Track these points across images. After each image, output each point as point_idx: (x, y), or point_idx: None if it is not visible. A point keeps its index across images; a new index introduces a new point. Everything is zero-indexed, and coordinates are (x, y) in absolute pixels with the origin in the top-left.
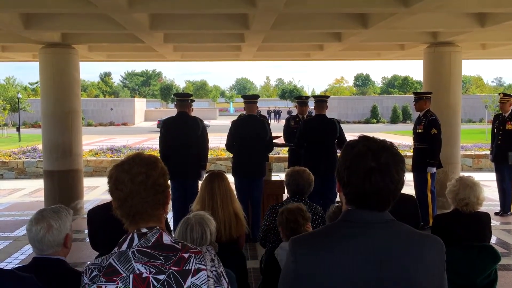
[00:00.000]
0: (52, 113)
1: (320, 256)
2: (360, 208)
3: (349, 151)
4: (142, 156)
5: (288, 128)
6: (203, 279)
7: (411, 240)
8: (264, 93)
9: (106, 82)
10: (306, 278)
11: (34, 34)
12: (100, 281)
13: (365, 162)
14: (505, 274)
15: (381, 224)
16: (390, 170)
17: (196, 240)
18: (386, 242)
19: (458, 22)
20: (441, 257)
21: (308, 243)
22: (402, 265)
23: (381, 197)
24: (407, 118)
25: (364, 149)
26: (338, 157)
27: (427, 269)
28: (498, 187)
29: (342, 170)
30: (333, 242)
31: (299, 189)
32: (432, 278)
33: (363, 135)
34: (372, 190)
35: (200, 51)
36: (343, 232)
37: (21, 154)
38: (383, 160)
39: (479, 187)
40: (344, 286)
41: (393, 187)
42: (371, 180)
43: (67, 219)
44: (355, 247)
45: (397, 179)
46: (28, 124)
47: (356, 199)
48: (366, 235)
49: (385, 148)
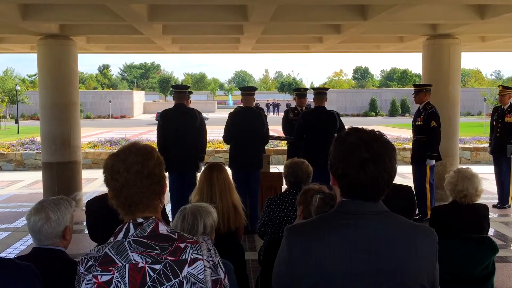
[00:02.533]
0: (51, 105)
1: (313, 246)
2: (355, 199)
3: (342, 143)
4: (138, 146)
5: (286, 120)
6: (199, 269)
7: (404, 230)
8: (263, 86)
9: (104, 75)
10: (299, 267)
11: (32, 25)
12: (96, 271)
13: (358, 153)
14: (503, 266)
15: (375, 215)
16: (383, 159)
17: (185, 230)
18: (379, 232)
19: (458, 14)
20: (433, 248)
21: (302, 232)
22: (395, 256)
23: (376, 186)
24: (405, 111)
25: (357, 140)
26: (331, 149)
27: (420, 259)
28: (496, 180)
29: (336, 163)
30: (327, 232)
31: (297, 180)
32: (424, 268)
33: (353, 127)
34: (367, 180)
35: (199, 43)
36: (337, 223)
37: (20, 146)
38: (375, 150)
39: (477, 178)
40: (337, 276)
41: (387, 176)
42: (366, 170)
43: (67, 211)
44: (348, 237)
45: (390, 167)
46: (27, 116)
47: (352, 190)
48: (359, 225)
49: (376, 138)
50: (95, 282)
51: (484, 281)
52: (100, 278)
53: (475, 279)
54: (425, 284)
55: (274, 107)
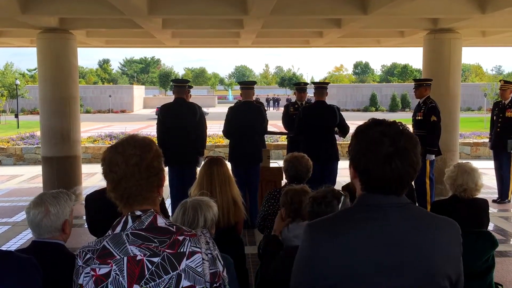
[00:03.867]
0: (50, 99)
1: (338, 241)
2: (377, 193)
3: (364, 137)
4: (136, 138)
5: (287, 114)
6: (198, 262)
7: (428, 223)
8: (263, 81)
9: (104, 69)
10: (324, 263)
11: (31, 19)
12: (94, 264)
13: (383, 147)
14: (503, 261)
15: (399, 207)
16: (409, 154)
17: (186, 223)
18: (404, 225)
19: (459, 8)
20: (458, 239)
21: (325, 228)
22: (420, 248)
23: (401, 181)
24: (406, 106)
25: (380, 134)
26: (350, 142)
27: (444, 251)
28: (496, 175)
29: (359, 157)
30: (350, 226)
31: (297, 174)
32: (449, 261)
33: (374, 119)
34: (392, 175)
35: (199, 37)
36: (360, 216)
37: (20, 140)
38: (401, 145)
39: (477, 173)
40: (362, 270)
41: (412, 170)
42: (391, 165)
43: (67, 205)
44: (373, 231)
45: (416, 161)
46: (26, 110)
47: (376, 185)
48: (383, 219)
49: (401, 132)
50: (93, 275)
51: (483, 275)
52: (98, 271)
53: (475, 273)
54: (451, 276)
55: (274, 102)
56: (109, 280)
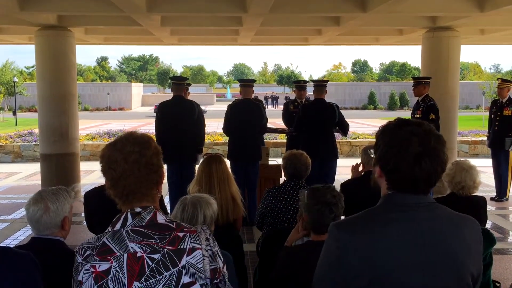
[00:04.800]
0: (49, 96)
1: (366, 241)
2: (405, 192)
3: (393, 136)
4: (135, 135)
5: (287, 112)
6: (198, 258)
7: (453, 221)
8: (262, 79)
9: (102, 67)
10: (354, 264)
11: (30, 16)
12: (94, 260)
13: (413, 147)
14: (500, 258)
15: (426, 206)
16: (438, 154)
17: (185, 220)
18: (431, 224)
19: (457, 6)
20: (480, 237)
21: (353, 228)
22: (448, 247)
23: (429, 180)
24: (404, 104)
25: (409, 134)
26: (376, 142)
27: (470, 249)
28: (494, 173)
29: (388, 156)
30: (378, 226)
31: (296, 172)
32: (474, 258)
33: (401, 119)
34: (422, 175)
35: (197, 35)
36: (388, 216)
37: (18, 137)
38: (432, 145)
39: (475, 170)
40: (393, 270)
41: (440, 169)
42: (422, 165)
43: (66, 202)
44: (401, 230)
45: (445, 161)
46: (25, 108)
47: (405, 184)
48: (411, 218)
49: (429, 131)
50: (93, 271)
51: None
52: (98, 268)
53: None
54: (474, 273)
55: (272, 99)
56: (109, 277)
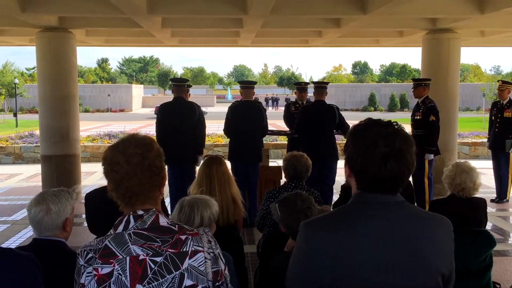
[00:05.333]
0: (49, 98)
1: (333, 238)
2: (373, 191)
3: (360, 138)
4: (137, 137)
5: (288, 113)
6: (200, 261)
7: (422, 220)
8: (262, 80)
9: (103, 68)
10: (322, 262)
11: (31, 18)
12: (96, 263)
13: (379, 148)
14: (500, 260)
15: (394, 206)
16: (404, 155)
17: (182, 221)
18: (399, 223)
19: (458, 8)
20: (451, 236)
21: (321, 225)
22: (416, 246)
23: (396, 181)
24: (404, 106)
25: (376, 135)
26: (346, 142)
27: (439, 248)
28: (495, 175)
29: (355, 157)
30: (346, 224)
31: (296, 173)
32: (443, 257)
33: (370, 119)
34: (388, 175)
35: (198, 37)
36: (357, 214)
37: (19, 139)
38: (397, 146)
39: (475, 172)
40: (360, 269)
41: (407, 170)
42: (387, 166)
43: (68, 203)
44: (369, 228)
45: (411, 162)
46: (25, 109)
47: (373, 184)
48: (379, 216)
49: (397, 132)
50: (95, 274)
51: (481, 274)
52: (100, 271)
53: (473, 272)
54: (444, 272)
55: (273, 101)
56: (111, 280)
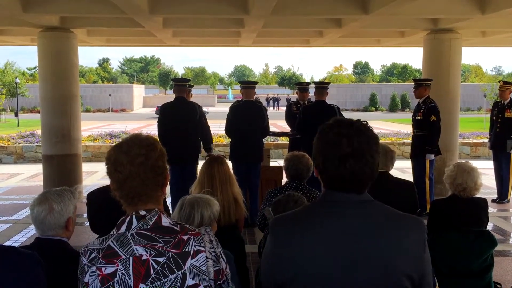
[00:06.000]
0: (51, 97)
1: (297, 235)
2: (337, 190)
3: (323, 137)
4: (141, 137)
5: (290, 113)
6: (202, 261)
7: (389, 220)
8: (263, 80)
9: (104, 68)
10: (281, 257)
11: (32, 18)
12: (99, 263)
13: (339, 148)
14: (501, 260)
15: (357, 204)
16: (364, 155)
17: (182, 219)
18: (361, 222)
19: (459, 8)
20: (420, 238)
21: (287, 222)
22: (376, 246)
23: (357, 180)
24: (405, 106)
25: (337, 135)
26: (314, 141)
27: (405, 250)
28: (496, 175)
29: (318, 157)
30: (309, 221)
31: (297, 173)
32: (409, 260)
33: (336, 119)
34: (348, 174)
35: (200, 37)
36: (320, 211)
37: (20, 138)
38: (356, 146)
39: (476, 172)
40: (317, 265)
41: (368, 170)
42: (346, 165)
43: (70, 202)
44: (331, 226)
45: (372, 162)
46: (26, 109)
47: (333, 183)
48: (343, 214)
49: (359, 132)
50: (99, 274)
51: (482, 274)
52: (104, 270)
53: (474, 272)
54: (412, 276)
55: (274, 101)
56: (115, 280)
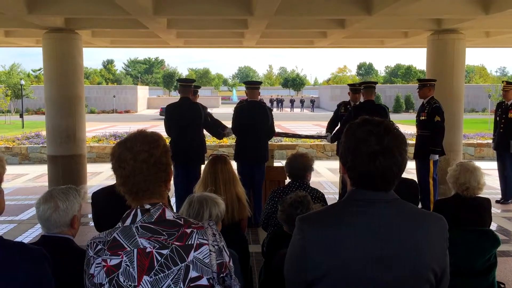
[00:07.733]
0: (56, 98)
1: (326, 232)
2: (365, 188)
3: (352, 135)
4: (145, 134)
5: (336, 115)
6: (205, 253)
7: (414, 217)
8: (267, 82)
9: (108, 70)
10: (313, 254)
11: (37, 19)
12: (105, 255)
13: (368, 146)
14: (505, 260)
15: (386, 202)
16: (393, 153)
17: (191, 216)
18: (390, 219)
19: (463, 8)
20: (443, 234)
21: (315, 220)
22: (407, 242)
23: (386, 178)
24: (409, 107)
25: (367, 133)
26: (341, 140)
27: (430, 245)
28: (500, 175)
29: (346, 154)
30: (339, 220)
31: (292, 172)
32: (435, 254)
33: (364, 117)
34: (376, 172)
35: (204, 37)
36: (349, 210)
37: (25, 139)
38: (386, 144)
39: (479, 171)
40: (349, 263)
41: (396, 168)
42: (376, 163)
43: (76, 201)
44: (360, 224)
45: (400, 160)
46: (31, 110)
47: (362, 181)
48: (371, 213)
49: (388, 131)
50: (104, 265)
51: (485, 274)
52: (109, 262)
53: (477, 271)
54: (436, 270)
55: (278, 102)
56: (120, 271)
